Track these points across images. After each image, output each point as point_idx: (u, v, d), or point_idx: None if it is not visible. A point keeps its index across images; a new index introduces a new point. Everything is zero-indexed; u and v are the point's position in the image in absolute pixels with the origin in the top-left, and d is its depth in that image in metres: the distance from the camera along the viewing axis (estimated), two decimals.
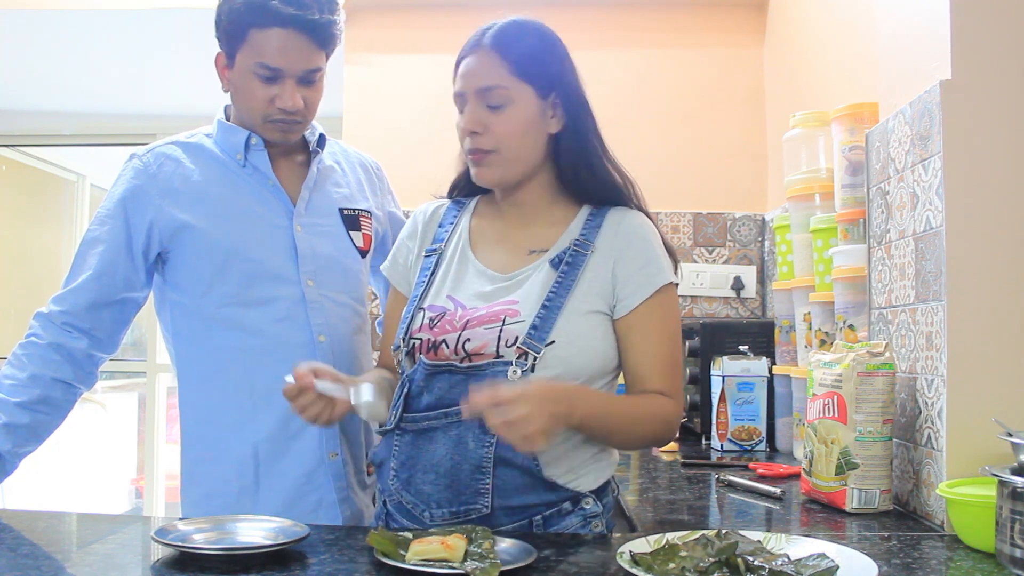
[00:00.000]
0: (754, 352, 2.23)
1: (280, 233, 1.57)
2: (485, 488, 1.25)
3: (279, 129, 1.55)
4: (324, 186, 1.65)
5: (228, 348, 1.55)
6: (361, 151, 1.82)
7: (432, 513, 1.27)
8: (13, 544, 1.17)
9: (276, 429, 1.54)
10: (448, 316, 1.31)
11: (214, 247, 1.54)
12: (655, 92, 3.08)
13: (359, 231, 1.67)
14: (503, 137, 1.31)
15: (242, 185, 1.58)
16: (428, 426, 1.29)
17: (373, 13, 3.14)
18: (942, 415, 1.29)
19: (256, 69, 1.49)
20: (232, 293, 1.54)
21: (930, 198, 1.33)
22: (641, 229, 1.35)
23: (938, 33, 1.33)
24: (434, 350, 1.30)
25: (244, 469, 1.54)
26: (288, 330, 1.55)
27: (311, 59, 1.51)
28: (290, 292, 1.56)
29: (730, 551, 0.99)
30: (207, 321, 1.55)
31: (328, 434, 1.56)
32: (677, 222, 3.03)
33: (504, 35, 1.32)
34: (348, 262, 1.64)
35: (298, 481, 1.55)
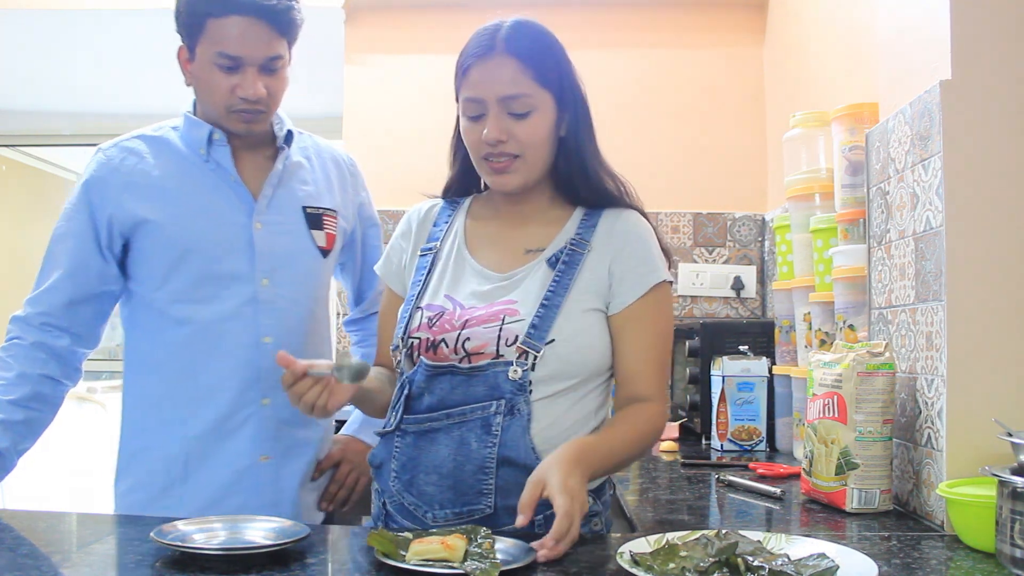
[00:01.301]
0: (754, 352, 2.23)
1: (238, 230, 1.56)
2: (488, 488, 1.25)
3: (242, 119, 1.53)
4: (289, 183, 1.63)
5: (174, 343, 1.54)
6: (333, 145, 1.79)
7: (435, 514, 1.27)
8: (13, 544, 1.17)
9: (211, 428, 1.54)
10: (447, 315, 1.32)
11: (170, 242, 1.53)
12: (655, 92, 3.08)
13: (322, 230, 1.64)
14: (528, 145, 1.31)
15: (203, 180, 1.57)
16: (430, 427, 1.29)
17: (373, 13, 3.15)
18: (942, 415, 1.29)
19: (216, 59, 1.48)
20: (185, 289, 1.53)
21: (930, 198, 1.33)
22: (636, 228, 1.36)
23: (938, 33, 1.33)
24: (433, 349, 1.30)
25: (173, 465, 1.54)
26: (234, 329, 1.54)
27: (271, 46, 1.50)
28: (242, 291, 1.54)
29: (730, 551, 0.99)
30: (158, 315, 1.55)
31: (262, 437, 1.55)
32: (677, 222, 3.03)
33: (518, 39, 1.30)
34: (308, 261, 1.62)
35: (225, 481, 1.54)
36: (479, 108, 1.30)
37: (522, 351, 1.26)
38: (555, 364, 1.27)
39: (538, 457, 1.25)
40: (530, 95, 1.29)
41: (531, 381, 1.27)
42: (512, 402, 1.26)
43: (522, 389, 1.26)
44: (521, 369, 1.25)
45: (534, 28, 1.33)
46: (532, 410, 1.27)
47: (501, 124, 1.29)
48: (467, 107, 1.32)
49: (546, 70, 1.31)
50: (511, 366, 1.25)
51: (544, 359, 1.26)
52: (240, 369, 1.54)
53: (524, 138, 1.30)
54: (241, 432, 1.54)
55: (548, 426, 1.28)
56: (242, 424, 1.55)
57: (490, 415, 1.26)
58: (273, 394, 1.54)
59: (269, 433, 1.56)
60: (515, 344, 1.26)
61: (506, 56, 1.29)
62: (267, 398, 1.55)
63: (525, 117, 1.30)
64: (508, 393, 1.26)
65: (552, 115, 1.32)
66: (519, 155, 1.31)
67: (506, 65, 1.29)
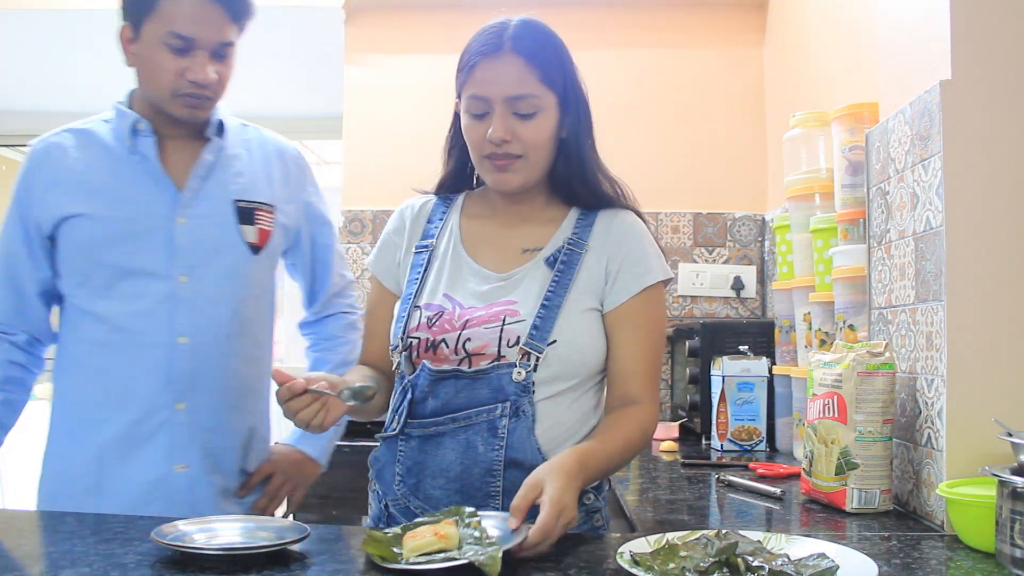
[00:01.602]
0: (754, 352, 2.23)
1: (159, 224, 1.50)
2: (496, 490, 1.25)
3: (188, 104, 1.47)
4: (220, 175, 1.56)
5: (89, 341, 1.50)
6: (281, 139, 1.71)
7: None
8: (13, 544, 1.17)
9: (125, 432, 1.48)
10: (446, 315, 1.31)
11: (90, 238, 1.48)
12: (655, 92, 3.08)
13: (253, 225, 1.57)
14: (532, 145, 1.30)
15: (126, 173, 1.51)
16: (436, 431, 1.29)
17: (373, 13, 3.15)
18: (942, 415, 1.29)
19: (167, 39, 1.43)
20: (102, 285, 1.49)
21: (930, 198, 1.33)
22: (632, 228, 1.37)
23: (938, 33, 1.33)
24: (433, 349, 1.30)
25: (87, 471, 1.49)
26: (148, 328, 1.48)
27: (224, 31, 1.46)
28: (159, 288, 1.49)
29: (730, 551, 0.99)
30: (79, 312, 1.51)
31: (178, 444, 1.49)
32: (677, 222, 3.03)
33: (526, 39, 1.29)
34: (234, 258, 1.55)
35: (141, 489, 1.48)
36: (484, 106, 1.29)
37: (524, 352, 1.26)
38: (557, 365, 1.27)
39: (544, 457, 1.25)
40: (536, 96, 1.29)
41: (534, 382, 1.27)
42: (517, 404, 1.26)
43: (526, 390, 1.26)
44: (525, 370, 1.25)
45: (541, 28, 1.33)
46: (536, 411, 1.27)
47: (506, 124, 1.28)
48: (471, 104, 1.31)
49: (552, 71, 1.30)
50: (514, 368, 1.25)
51: (547, 360, 1.26)
52: (152, 371, 1.48)
53: (528, 139, 1.29)
54: (155, 439, 1.48)
55: (551, 426, 1.28)
56: (156, 430, 1.49)
57: (495, 418, 1.26)
58: (189, 398, 1.50)
59: (184, 440, 1.50)
60: (517, 345, 1.26)
61: (513, 55, 1.28)
62: (182, 403, 1.49)
63: (530, 118, 1.29)
64: (512, 395, 1.26)
65: (555, 117, 1.32)
66: (522, 155, 1.30)
67: (513, 64, 1.28)
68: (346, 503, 2.36)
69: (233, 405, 1.55)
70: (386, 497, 1.35)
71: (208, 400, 1.52)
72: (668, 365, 2.92)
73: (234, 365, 1.55)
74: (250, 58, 3.82)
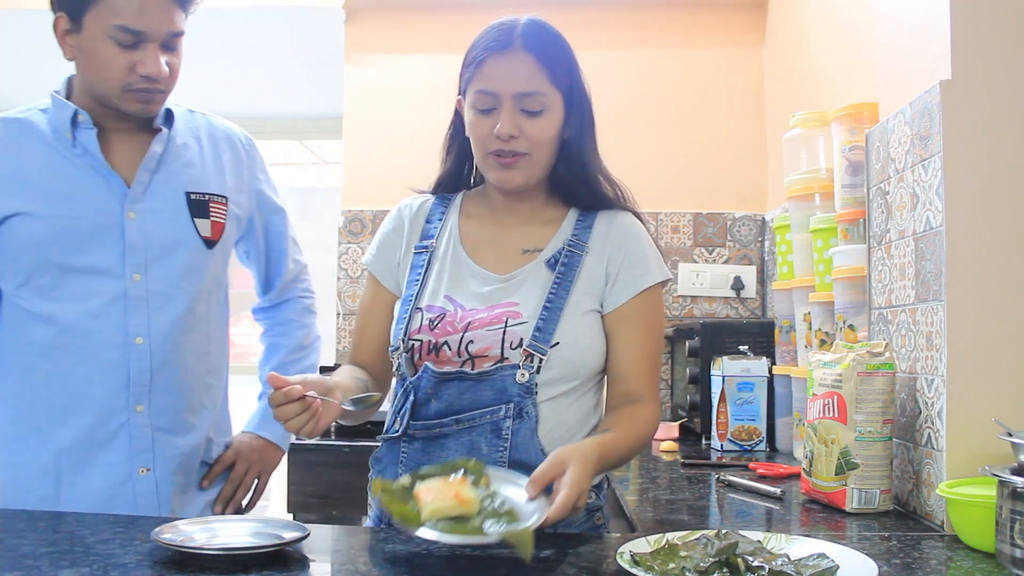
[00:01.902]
0: (754, 352, 2.23)
1: (108, 220, 1.43)
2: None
3: (140, 99, 1.41)
4: (170, 167, 1.50)
5: (38, 344, 1.43)
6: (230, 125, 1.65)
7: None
8: (13, 544, 1.17)
9: (82, 437, 1.43)
10: (448, 317, 1.31)
11: (32, 236, 1.40)
12: (655, 92, 3.08)
13: (207, 218, 1.51)
14: (537, 143, 1.30)
15: (68, 167, 1.43)
16: (439, 432, 1.29)
17: (373, 13, 3.14)
18: (942, 415, 1.29)
19: (114, 33, 1.36)
20: (48, 285, 1.42)
21: (930, 198, 1.33)
22: (631, 229, 1.38)
23: (938, 33, 1.33)
24: (435, 352, 1.29)
25: (44, 479, 1.43)
26: (101, 328, 1.43)
27: (174, 20, 1.39)
28: (110, 287, 1.43)
29: (730, 551, 0.99)
30: (24, 314, 1.44)
31: (139, 447, 1.45)
32: (677, 222, 3.03)
33: (536, 37, 1.30)
34: (189, 254, 1.49)
35: (102, 496, 1.43)
36: (491, 102, 1.29)
37: (528, 354, 1.26)
38: (560, 366, 1.27)
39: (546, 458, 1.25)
40: (544, 94, 1.29)
41: (537, 383, 1.27)
42: (520, 405, 1.26)
43: (529, 392, 1.26)
44: (528, 372, 1.26)
45: (549, 28, 1.34)
46: (539, 412, 1.27)
47: (514, 120, 1.28)
48: (478, 100, 1.30)
49: (559, 71, 1.31)
50: (518, 369, 1.26)
51: (550, 362, 1.27)
52: (109, 373, 1.43)
53: (534, 137, 1.30)
54: (115, 442, 1.44)
55: (553, 427, 1.29)
56: (115, 433, 1.44)
57: (499, 419, 1.26)
58: (148, 400, 1.46)
59: (145, 443, 1.46)
60: (520, 347, 1.27)
61: (523, 52, 1.28)
62: (141, 404, 1.45)
63: (537, 115, 1.29)
64: (516, 396, 1.26)
65: (561, 116, 1.33)
66: (527, 153, 1.31)
67: (523, 61, 1.28)
68: (346, 503, 2.36)
69: (191, 404, 1.52)
70: None
71: (166, 400, 1.48)
72: (668, 365, 2.92)
73: (190, 363, 1.51)
74: (250, 58, 3.82)
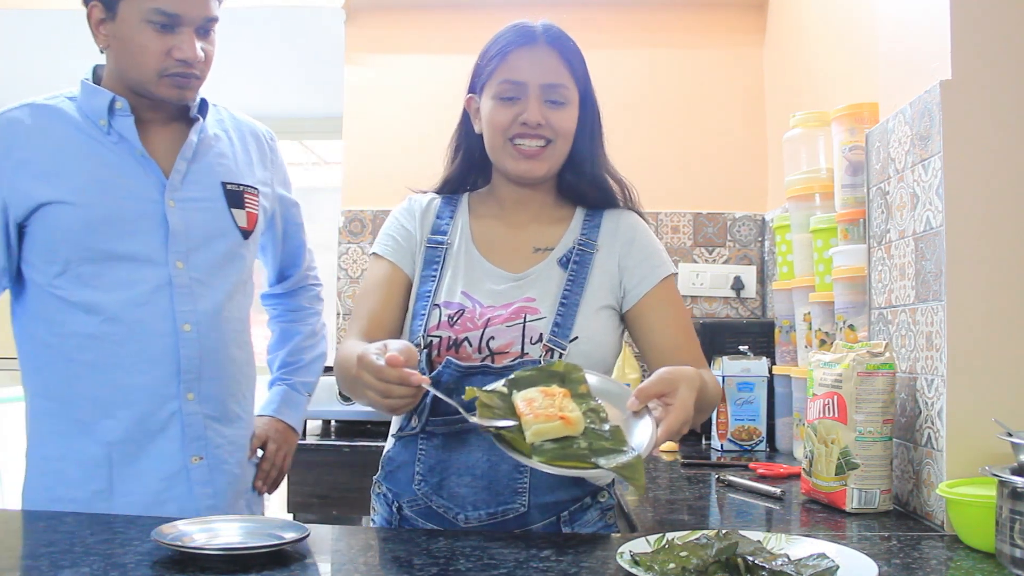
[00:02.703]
0: (754, 352, 2.23)
1: (149, 208, 1.42)
2: (523, 487, 1.26)
3: (176, 84, 1.41)
4: (205, 157, 1.50)
5: (82, 334, 1.40)
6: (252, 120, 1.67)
7: (467, 515, 1.27)
8: (13, 544, 1.17)
9: (132, 428, 1.41)
10: (467, 313, 1.31)
11: (72, 223, 1.39)
12: (655, 92, 3.08)
13: (243, 209, 1.52)
14: (561, 133, 1.34)
15: (105, 155, 1.43)
16: (461, 428, 1.28)
17: (373, 13, 3.14)
18: (942, 415, 1.29)
19: (151, 16, 1.37)
20: (90, 274, 1.40)
21: (930, 198, 1.33)
22: (638, 226, 1.42)
23: (938, 33, 1.33)
24: (455, 348, 1.29)
25: (96, 473, 1.41)
26: (148, 316, 1.41)
27: (209, 6, 1.40)
28: (154, 274, 1.42)
29: (730, 551, 0.99)
30: (60, 304, 1.41)
31: (192, 435, 1.44)
32: (677, 222, 3.03)
33: (557, 36, 1.35)
34: (228, 243, 1.50)
35: (156, 487, 1.42)
36: (517, 91, 1.32)
37: (548, 349, 1.28)
38: (579, 361, 1.27)
39: None
40: (567, 87, 1.34)
41: None
42: None
43: None
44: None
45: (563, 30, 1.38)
46: None
47: (541, 109, 1.32)
48: (503, 89, 1.33)
49: (578, 68, 1.36)
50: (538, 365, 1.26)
51: (569, 356, 1.28)
52: (158, 361, 1.42)
53: (558, 126, 1.33)
54: (167, 432, 1.43)
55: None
56: (167, 423, 1.43)
57: None
58: (197, 387, 1.45)
59: (198, 431, 1.45)
60: (540, 342, 1.28)
61: (548, 47, 1.34)
62: (191, 392, 1.44)
63: (562, 107, 1.33)
64: None
65: (577, 112, 1.36)
66: (552, 141, 1.33)
67: (549, 55, 1.34)
68: (346, 503, 2.36)
69: (234, 393, 1.53)
70: (400, 499, 1.33)
71: (213, 388, 1.48)
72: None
73: (233, 352, 1.52)
74: (250, 58, 3.82)
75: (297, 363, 1.73)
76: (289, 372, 1.73)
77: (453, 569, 1.04)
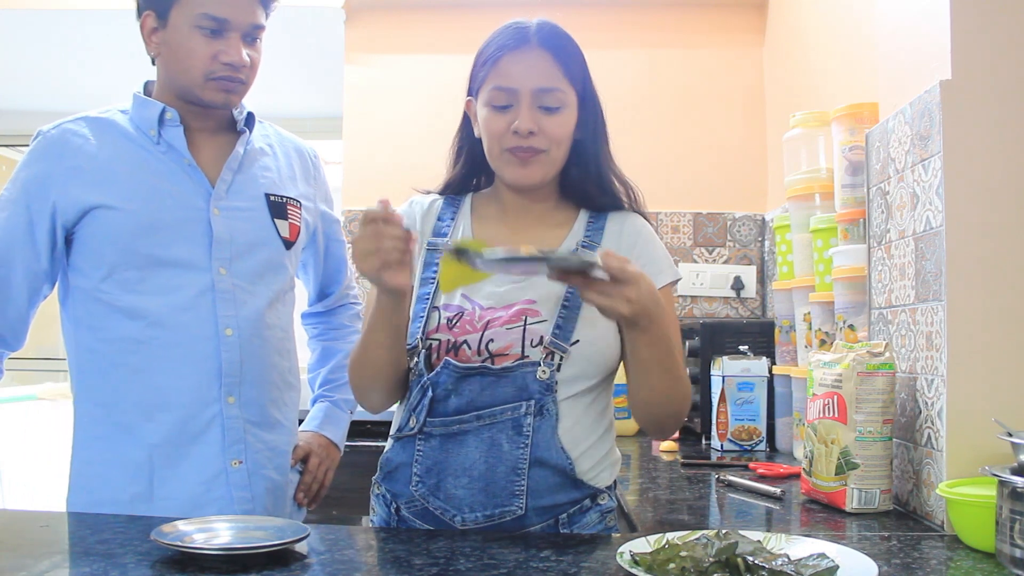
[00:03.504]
0: (754, 352, 2.23)
1: (194, 215, 1.46)
2: (520, 490, 1.25)
3: (222, 88, 1.45)
4: (250, 168, 1.54)
5: (126, 339, 1.43)
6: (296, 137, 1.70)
7: (464, 517, 1.26)
8: (13, 544, 1.17)
9: (174, 432, 1.44)
10: (467, 316, 1.30)
11: (118, 229, 1.43)
12: (655, 92, 3.08)
13: (286, 220, 1.55)
14: (555, 140, 1.31)
15: (154, 163, 1.47)
16: (459, 429, 1.28)
17: (373, 13, 3.15)
18: (942, 415, 1.29)
19: (200, 21, 1.41)
20: (135, 279, 1.43)
21: (930, 198, 1.33)
22: (643, 231, 1.39)
23: (938, 33, 1.33)
24: (455, 351, 1.29)
25: (137, 476, 1.43)
26: (192, 321, 1.44)
27: (256, 13, 1.45)
28: (198, 280, 1.45)
29: (730, 551, 0.99)
30: (106, 308, 1.44)
31: (232, 439, 1.46)
32: (677, 222, 3.03)
33: (551, 36, 1.31)
34: (270, 252, 1.53)
35: (196, 491, 1.44)
36: (509, 98, 1.29)
37: (549, 351, 1.26)
38: (581, 364, 1.28)
39: (567, 456, 1.27)
40: (561, 91, 1.30)
41: (557, 381, 1.27)
42: (541, 402, 1.26)
43: (549, 389, 1.26)
44: (549, 369, 1.26)
45: (560, 28, 1.35)
46: (559, 410, 1.27)
47: (534, 115, 1.29)
48: (495, 96, 1.30)
49: (574, 69, 1.32)
50: (539, 366, 1.26)
51: (570, 359, 1.27)
52: (200, 365, 1.44)
53: (552, 133, 1.30)
54: (208, 435, 1.45)
55: (572, 425, 1.29)
56: (207, 426, 1.45)
57: (520, 416, 1.26)
58: (238, 391, 1.47)
59: (238, 435, 1.47)
60: (540, 344, 1.27)
61: (540, 49, 1.30)
62: (232, 396, 1.46)
63: (556, 112, 1.30)
64: (536, 393, 1.26)
65: (575, 114, 1.33)
66: (545, 150, 1.30)
67: (541, 58, 1.29)
68: (346, 503, 2.36)
69: (274, 399, 1.54)
70: (398, 500, 1.33)
71: (254, 393, 1.49)
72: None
73: (274, 358, 1.54)
74: None
75: (339, 380, 1.75)
76: (331, 389, 1.75)
77: (453, 569, 1.04)
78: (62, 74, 3.70)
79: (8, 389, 3.76)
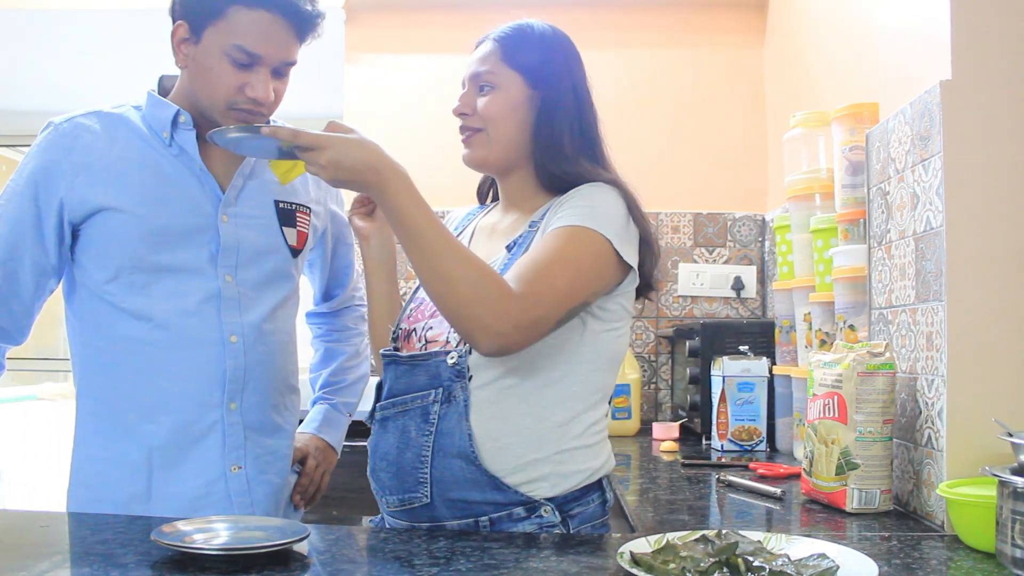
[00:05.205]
0: (754, 352, 2.23)
1: (202, 222, 1.45)
2: (424, 477, 1.25)
3: (240, 119, 1.42)
4: (262, 175, 1.53)
5: (131, 339, 1.43)
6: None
7: (387, 500, 1.30)
8: (13, 544, 1.17)
9: (174, 434, 1.43)
10: (422, 305, 1.35)
11: (126, 233, 1.41)
12: (655, 92, 3.08)
13: (294, 227, 1.55)
14: (487, 118, 1.33)
15: (165, 166, 1.45)
16: (383, 416, 1.33)
17: (373, 13, 3.14)
18: (942, 415, 1.29)
19: (231, 52, 1.36)
20: (141, 282, 1.43)
21: (930, 198, 1.33)
22: (590, 189, 1.27)
23: (938, 33, 1.33)
24: (407, 339, 1.34)
25: (136, 477, 1.43)
26: (197, 326, 1.44)
27: (290, 50, 1.42)
28: (204, 286, 1.44)
29: (730, 551, 0.99)
30: (111, 309, 1.43)
31: (232, 444, 1.46)
32: (677, 222, 3.03)
33: (509, 30, 1.37)
34: (277, 260, 1.53)
35: (195, 493, 1.44)
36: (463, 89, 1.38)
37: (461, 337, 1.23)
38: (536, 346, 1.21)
39: (475, 447, 1.22)
40: (494, 72, 1.34)
41: (469, 367, 1.24)
42: (449, 389, 1.25)
43: (460, 375, 1.24)
44: (458, 355, 1.24)
45: (532, 24, 1.37)
46: (471, 398, 1.23)
47: (467, 99, 1.36)
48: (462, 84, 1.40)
49: (515, 53, 1.34)
50: (450, 354, 1.25)
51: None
52: (203, 370, 1.44)
53: (483, 111, 1.34)
54: (208, 439, 1.45)
55: (492, 417, 1.23)
56: (208, 430, 1.45)
57: (428, 404, 1.26)
58: (240, 397, 1.47)
59: (238, 440, 1.46)
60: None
61: (488, 42, 1.37)
62: (234, 402, 1.46)
63: (490, 91, 1.34)
64: (446, 381, 1.25)
65: (517, 95, 1.33)
66: (481, 129, 1.34)
67: (484, 49, 1.37)
68: (346, 503, 2.36)
69: (276, 404, 1.54)
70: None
71: (255, 399, 1.49)
72: (668, 365, 2.92)
73: (278, 364, 1.54)
74: None
75: (340, 383, 1.75)
76: (332, 392, 1.75)
77: (453, 569, 1.04)
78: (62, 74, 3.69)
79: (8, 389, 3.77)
